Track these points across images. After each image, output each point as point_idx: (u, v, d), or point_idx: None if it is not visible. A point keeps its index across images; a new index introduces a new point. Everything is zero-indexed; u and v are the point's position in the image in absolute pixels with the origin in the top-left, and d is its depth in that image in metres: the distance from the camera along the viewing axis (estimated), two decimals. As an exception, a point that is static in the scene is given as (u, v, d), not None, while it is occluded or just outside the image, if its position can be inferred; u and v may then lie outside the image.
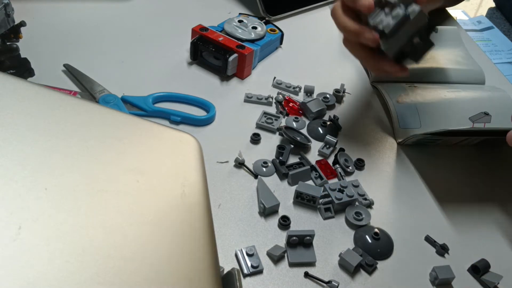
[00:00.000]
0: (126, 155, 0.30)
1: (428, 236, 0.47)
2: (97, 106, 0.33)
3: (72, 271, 0.23)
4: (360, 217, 0.47)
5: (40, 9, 0.69)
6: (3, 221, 0.23)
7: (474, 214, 0.51)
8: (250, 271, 0.42)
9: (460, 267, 0.45)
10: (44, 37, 0.64)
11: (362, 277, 0.43)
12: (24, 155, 0.27)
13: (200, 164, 0.33)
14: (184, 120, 0.55)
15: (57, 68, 0.59)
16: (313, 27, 0.76)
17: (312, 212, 0.48)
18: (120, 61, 0.63)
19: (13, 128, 0.28)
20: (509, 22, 0.98)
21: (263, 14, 0.74)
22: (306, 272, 0.43)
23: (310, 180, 0.51)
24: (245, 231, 0.45)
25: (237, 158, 0.51)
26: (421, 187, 0.53)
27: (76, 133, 0.30)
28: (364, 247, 0.45)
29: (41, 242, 0.23)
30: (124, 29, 0.68)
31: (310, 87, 0.62)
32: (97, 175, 0.28)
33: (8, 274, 0.22)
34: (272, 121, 0.56)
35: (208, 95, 0.58)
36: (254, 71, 0.65)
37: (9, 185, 0.25)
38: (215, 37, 0.61)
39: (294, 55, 0.69)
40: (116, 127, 0.32)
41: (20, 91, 0.30)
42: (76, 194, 0.26)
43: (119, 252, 0.25)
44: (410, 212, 0.50)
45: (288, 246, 0.44)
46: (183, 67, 0.64)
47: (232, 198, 0.48)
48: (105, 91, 0.56)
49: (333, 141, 0.54)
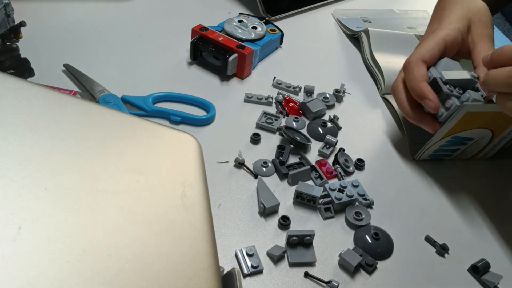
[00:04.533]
0: (126, 155, 0.30)
1: (428, 236, 0.47)
2: (97, 106, 0.33)
3: (72, 271, 0.23)
4: (360, 217, 0.47)
5: (40, 9, 0.69)
6: (3, 221, 0.23)
7: (474, 214, 0.51)
8: (250, 271, 0.42)
9: (460, 267, 0.45)
10: (44, 37, 0.64)
11: (362, 277, 0.43)
12: (24, 155, 0.27)
13: (200, 164, 0.33)
14: (184, 120, 0.55)
15: (57, 68, 0.59)
16: (313, 27, 0.76)
17: (312, 212, 0.48)
18: (120, 61, 0.63)
19: (13, 128, 0.28)
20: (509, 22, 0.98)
21: (263, 14, 0.74)
22: (306, 272, 0.43)
23: (310, 180, 0.51)
24: (245, 231, 0.45)
25: (237, 158, 0.51)
26: (422, 187, 0.53)
27: (76, 133, 0.30)
28: (364, 247, 0.45)
29: (41, 242, 0.23)
30: (124, 29, 0.68)
31: (310, 87, 0.62)
32: (97, 175, 0.28)
33: (8, 274, 0.22)
34: (272, 121, 0.56)
35: (208, 95, 0.58)
36: (254, 71, 0.65)
37: (9, 185, 0.25)
38: (215, 37, 0.61)
39: (294, 55, 0.69)
40: (116, 127, 0.32)
41: (20, 91, 0.30)
42: (76, 194, 0.26)
43: (119, 252, 0.25)
44: (410, 212, 0.50)
45: (288, 246, 0.44)
46: (183, 67, 0.64)
47: (232, 198, 0.48)
48: (105, 91, 0.56)
49: (333, 141, 0.54)
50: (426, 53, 0.52)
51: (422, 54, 0.52)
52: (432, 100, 0.49)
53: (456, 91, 0.49)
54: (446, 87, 0.49)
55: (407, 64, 0.53)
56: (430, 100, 0.49)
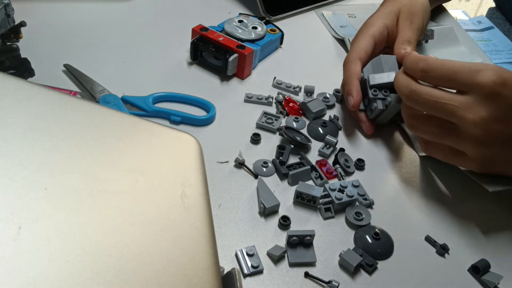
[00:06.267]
0: (126, 155, 0.30)
1: (428, 236, 0.47)
2: (97, 106, 0.33)
3: (72, 271, 0.23)
4: (360, 217, 0.47)
5: (40, 9, 0.69)
6: (3, 221, 0.23)
7: (474, 214, 0.51)
8: (250, 271, 0.42)
9: (460, 267, 0.45)
10: (44, 37, 0.64)
11: (362, 277, 0.43)
12: (24, 155, 0.27)
13: (200, 164, 0.33)
14: (184, 120, 0.55)
15: (57, 68, 0.59)
16: (313, 27, 0.76)
17: (312, 212, 0.48)
18: (120, 61, 0.63)
19: (13, 128, 0.28)
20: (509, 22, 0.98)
21: (263, 14, 0.74)
22: (306, 272, 0.43)
23: (310, 180, 0.51)
24: (245, 231, 0.45)
25: (237, 158, 0.51)
26: (422, 187, 0.53)
27: (76, 133, 0.30)
28: (364, 247, 0.45)
29: (41, 242, 0.23)
30: (124, 29, 0.68)
31: (310, 87, 0.62)
32: (97, 175, 0.28)
33: (8, 274, 0.22)
34: (272, 121, 0.56)
35: (208, 95, 0.58)
36: (254, 71, 0.65)
37: (9, 185, 0.25)
38: (215, 37, 0.61)
39: (294, 55, 0.69)
40: (116, 127, 0.32)
41: (20, 91, 0.30)
42: (76, 194, 0.26)
43: (119, 252, 0.25)
44: (410, 212, 0.50)
45: (288, 246, 0.44)
46: (183, 67, 0.64)
47: (232, 198, 0.48)
48: (105, 91, 0.56)
49: (333, 141, 0.54)
50: (361, 51, 0.58)
51: (358, 52, 0.58)
52: (354, 97, 0.54)
53: (381, 94, 0.54)
54: (371, 92, 0.54)
55: (345, 62, 0.58)
56: (352, 97, 0.54)
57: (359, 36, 0.60)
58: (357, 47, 0.58)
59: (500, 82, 0.43)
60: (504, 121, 0.43)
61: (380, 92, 0.54)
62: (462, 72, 0.45)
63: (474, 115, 0.43)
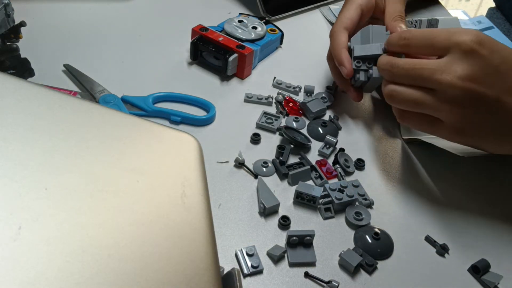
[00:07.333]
0: (126, 155, 0.30)
1: (428, 236, 0.47)
2: (97, 106, 0.33)
3: (72, 271, 0.23)
4: (360, 217, 0.47)
5: (40, 9, 0.69)
6: (3, 221, 0.23)
7: (474, 214, 0.51)
8: (250, 271, 0.42)
9: (460, 267, 0.45)
10: (44, 37, 0.64)
11: (362, 277, 0.43)
12: (24, 155, 0.27)
13: (200, 164, 0.33)
14: (184, 120, 0.55)
15: (57, 68, 0.59)
16: (313, 27, 0.76)
17: (312, 212, 0.48)
18: (120, 61, 0.63)
19: (13, 128, 0.28)
20: (509, 22, 0.98)
21: (263, 14, 0.74)
22: (306, 272, 0.43)
23: (310, 180, 0.51)
24: (245, 231, 0.45)
25: (237, 158, 0.51)
26: (422, 187, 0.53)
27: (76, 133, 0.30)
28: (364, 247, 0.45)
29: (41, 242, 0.23)
30: (124, 29, 0.68)
31: (310, 87, 0.62)
32: (97, 175, 0.28)
33: (8, 274, 0.22)
34: (272, 121, 0.56)
35: (208, 95, 0.58)
36: (254, 71, 0.65)
37: (9, 185, 0.25)
38: (215, 37, 0.61)
39: (294, 55, 0.69)
40: (116, 127, 0.32)
41: (20, 91, 0.30)
42: (76, 194, 0.26)
43: (119, 252, 0.25)
44: (410, 212, 0.50)
45: (288, 246, 0.44)
46: (183, 67, 0.64)
47: (232, 198, 0.48)
48: (105, 91, 0.56)
49: (333, 141, 0.54)
50: (347, 21, 0.58)
51: (344, 22, 0.58)
52: (346, 67, 0.55)
53: (365, 65, 0.55)
54: (354, 63, 0.55)
55: (332, 33, 0.58)
56: (344, 67, 0.55)
57: (346, 5, 0.60)
58: (343, 17, 0.58)
59: (477, 40, 0.43)
60: (480, 81, 0.43)
61: (363, 64, 0.55)
62: (440, 35, 0.46)
63: (451, 76, 0.44)
